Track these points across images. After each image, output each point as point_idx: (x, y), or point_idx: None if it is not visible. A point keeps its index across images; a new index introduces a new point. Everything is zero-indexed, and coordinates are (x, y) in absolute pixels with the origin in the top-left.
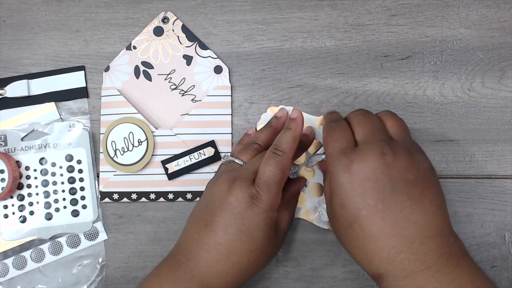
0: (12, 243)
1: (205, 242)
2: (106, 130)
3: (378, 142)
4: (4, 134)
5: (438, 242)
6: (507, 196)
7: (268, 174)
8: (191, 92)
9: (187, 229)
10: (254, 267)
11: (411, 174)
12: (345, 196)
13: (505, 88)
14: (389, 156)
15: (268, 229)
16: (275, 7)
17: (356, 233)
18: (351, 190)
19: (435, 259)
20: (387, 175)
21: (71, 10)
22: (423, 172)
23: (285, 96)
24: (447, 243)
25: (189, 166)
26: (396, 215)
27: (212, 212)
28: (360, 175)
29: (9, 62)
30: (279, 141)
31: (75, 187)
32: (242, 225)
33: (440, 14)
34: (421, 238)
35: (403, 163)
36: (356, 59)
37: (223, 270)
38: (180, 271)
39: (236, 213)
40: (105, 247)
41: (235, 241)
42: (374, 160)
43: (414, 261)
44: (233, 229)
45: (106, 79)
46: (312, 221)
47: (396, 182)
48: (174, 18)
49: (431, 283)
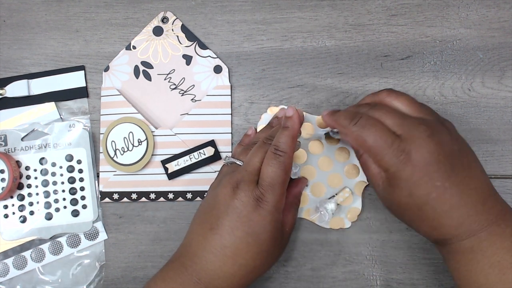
0: (12, 243)
1: (211, 245)
2: (106, 130)
3: (418, 126)
4: (4, 134)
5: (494, 200)
6: (507, 196)
7: (271, 175)
8: (190, 91)
9: (191, 232)
10: (260, 269)
11: (455, 145)
12: (413, 186)
13: (505, 88)
14: (435, 135)
15: (274, 231)
16: (275, 7)
17: (426, 213)
18: (418, 178)
19: (495, 215)
20: (442, 154)
21: (71, 10)
22: (459, 138)
23: (285, 96)
24: (499, 200)
25: (189, 165)
26: (460, 187)
27: (217, 215)
28: (422, 162)
29: (9, 62)
30: (278, 141)
31: (75, 187)
32: (248, 227)
33: (440, 14)
34: (482, 199)
35: (445, 136)
36: (356, 59)
37: (230, 273)
38: (187, 274)
39: (242, 216)
40: (105, 247)
41: (242, 243)
42: (428, 144)
43: (478, 221)
44: (240, 232)
45: (106, 79)
46: (313, 221)
47: (450, 157)
48: (173, 18)
49: (493, 236)
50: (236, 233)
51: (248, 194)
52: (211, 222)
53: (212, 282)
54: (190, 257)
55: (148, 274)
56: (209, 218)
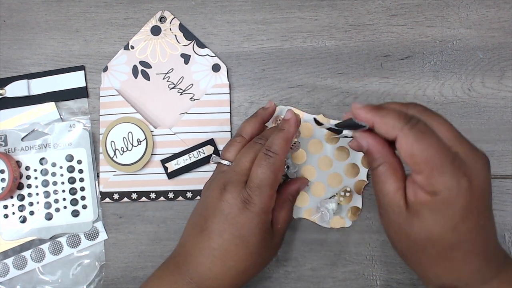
0: (12, 243)
1: (202, 247)
2: (105, 130)
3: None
4: (4, 134)
5: (499, 246)
6: (507, 196)
7: (260, 177)
8: (189, 90)
9: (186, 232)
10: (251, 270)
11: None
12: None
13: (505, 88)
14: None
15: (262, 233)
16: (275, 7)
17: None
18: (470, 211)
19: (502, 261)
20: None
21: (71, 10)
22: None
23: (285, 96)
24: (501, 246)
25: (189, 165)
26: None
27: (206, 217)
28: (480, 193)
29: (9, 62)
30: (271, 143)
31: (75, 187)
32: (235, 230)
33: (440, 14)
34: (493, 245)
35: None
36: (356, 59)
37: (220, 274)
38: (180, 274)
39: (229, 218)
40: (105, 247)
41: (230, 245)
42: (486, 173)
43: (491, 268)
44: (227, 234)
45: (105, 79)
46: (314, 221)
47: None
48: (171, 17)
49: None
50: (224, 235)
51: (235, 196)
52: (201, 225)
53: (203, 282)
54: (184, 256)
55: (148, 274)
56: (200, 221)
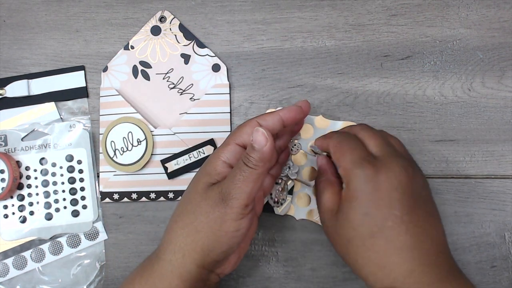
0: (12, 243)
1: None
2: (105, 130)
3: (399, 156)
4: (4, 134)
5: (447, 257)
6: (507, 196)
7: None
8: (189, 90)
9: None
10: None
11: (425, 192)
12: (372, 204)
13: (505, 88)
14: (411, 172)
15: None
16: (275, 7)
17: (378, 245)
18: (378, 199)
19: (445, 272)
20: (410, 189)
21: (71, 10)
22: (430, 191)
23: (285, 96)
24: (452, 259)
25: (189, 165)
26: (417, 228)
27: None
28: (388, 185)
29: (9, 62)
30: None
31: (75, 187)
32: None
33: (440, 14)
34: (436, 252)
35: (420, 180)
36: (356, 59)
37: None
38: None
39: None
40: (105, 247)
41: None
42: (400, 173)
43: (429, 274)
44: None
45: (105, 79)
46: (317, 222)
47: (417, 196)
48: (171, 17)
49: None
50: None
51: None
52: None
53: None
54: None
55: None
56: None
